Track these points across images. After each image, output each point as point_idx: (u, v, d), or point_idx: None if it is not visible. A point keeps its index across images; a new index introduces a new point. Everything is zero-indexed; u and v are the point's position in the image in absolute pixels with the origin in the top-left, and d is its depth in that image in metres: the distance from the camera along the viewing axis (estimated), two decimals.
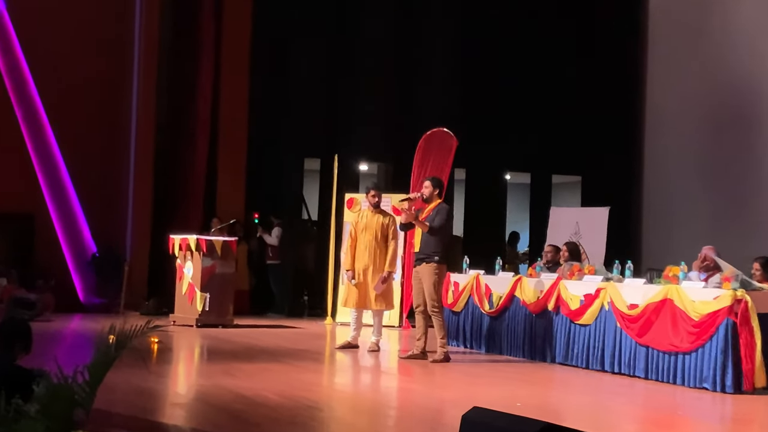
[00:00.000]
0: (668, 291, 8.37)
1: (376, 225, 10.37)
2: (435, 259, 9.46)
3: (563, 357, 9.58)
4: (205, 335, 11.44)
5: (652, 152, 16.40)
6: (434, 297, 9.46)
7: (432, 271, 9.45)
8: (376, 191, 10.52)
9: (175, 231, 13.00)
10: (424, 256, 9.53)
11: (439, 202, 9.65)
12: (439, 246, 9.49)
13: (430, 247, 9.49)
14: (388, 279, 10.35)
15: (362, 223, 10.45)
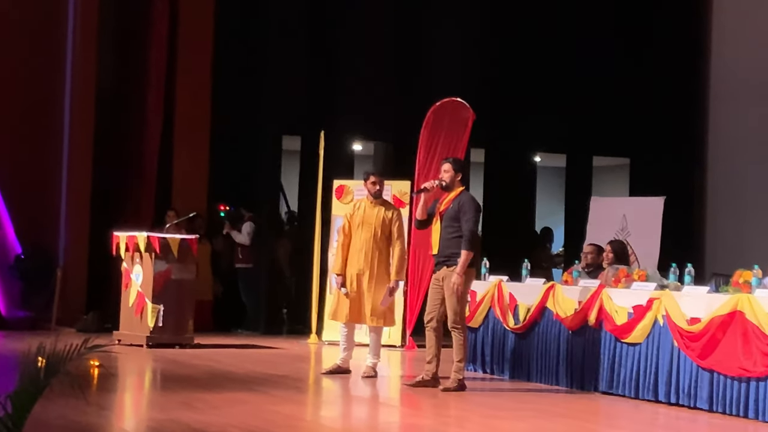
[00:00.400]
0: (738, 301, 8.38)
1: (376, 219, 10.34)
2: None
3: (607, 384, 9.60)
4: (158, 357, 11.43)
5: (718, 129, 16.42)
6: (457, 309, 9.45)
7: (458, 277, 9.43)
8: (377, 177, 10.46)
9: (121, 227, 13.00)
10: (446, 258, 9.49)
11: (461, 191, 9.61)
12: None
13: (452, 246, 9.45)
14: (395, 290, 10.35)
15: (359, 217, 10.41)
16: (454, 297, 9.42)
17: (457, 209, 9.48)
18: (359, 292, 10.28)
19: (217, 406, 8.22)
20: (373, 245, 10.29)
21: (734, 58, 16.14)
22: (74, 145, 14.80)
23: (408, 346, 13.37)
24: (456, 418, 8.48)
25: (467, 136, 13.39)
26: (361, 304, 10.29)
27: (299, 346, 13.50)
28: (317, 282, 13.88)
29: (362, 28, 16.15)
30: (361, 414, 8.96)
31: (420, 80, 15.99)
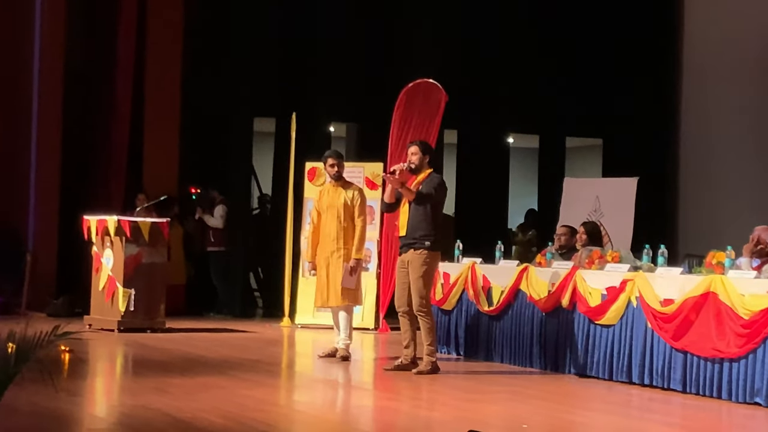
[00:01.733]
0: (711, 283, 8.42)
1: (338, 201, 10.38)
2: (426, 245, 9.45)
3: (581, 366, 9.64)
4: (129, 342, 11.40)
5: (691, 109, 16.47)
6: (422, 293, 9.47)
7: (422, 260, 9.45)
8: (334, 159, 10.47)
9: (91, 211, 12.94)
10: (413, 241, 9.51)
11: (429, 172, 9.64)
12: (431, 227, 9.47)
13: (419, 229, 9.47)
14: (357, 269, 10.35)
15: (324, 202, 10.46)
16: (420, 280, 9.44)
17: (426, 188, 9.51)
18: (328, 274, 10.31)
19: (190, 390, 8.20)
20: (337, 228, 10.35)
21: (707, 37, 16.18)
22: (43, 129, 14.69)
23: (381, 329, 13.38)
24: (430, 401, 8.50)
25: (440, 117, 13.39)
26: (330, 286, 10.31)
27: (272, 329, 13.49)
28: (290, 265, 13.86)
29: (335, 9, 16.08)
30: (336, 398, 8.97)
31: (392, 61, 15.96)
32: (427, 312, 9.53)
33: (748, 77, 15.40)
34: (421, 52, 15.95)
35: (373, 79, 15.93)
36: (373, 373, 10.23)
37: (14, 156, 14.76)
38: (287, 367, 10.54)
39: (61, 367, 9.04)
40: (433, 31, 16.42)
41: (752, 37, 15.39)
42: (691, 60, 16.53)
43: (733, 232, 10.81)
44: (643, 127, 16.74)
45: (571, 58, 16.90)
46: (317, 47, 15.99)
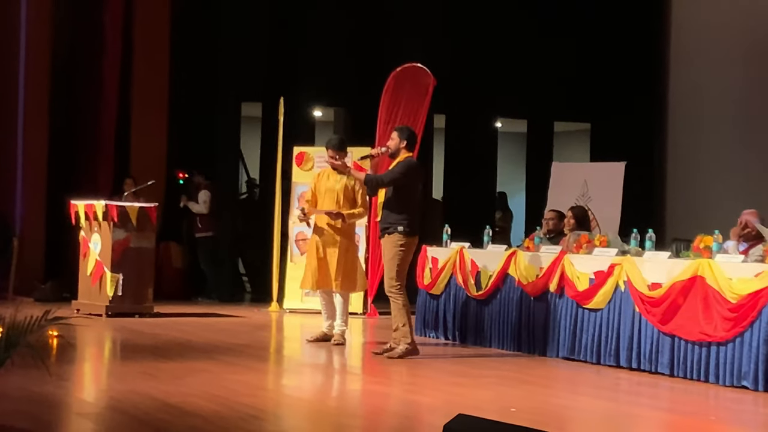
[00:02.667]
0: (699, 267, 8.46)
1: (340, 186, 10.33)
2: (399, 229, 9.47)
3: (569, 350, 9.68)
4: (117, 327, 11.40)
5: (678, 94, 16.50)
6: (391, 274, 9.48)
7: (394, 243, 9.48)
8: (334, 151, 10.28)
9: (78, 195, 12.92)
10: (386, 226, 9.57)
11: (405, 157, 9.65)
12: (404, 211, 9.49)
13: (392, 215, 9.52)
14: (335, 217, 10.20)
15: (323, 185, 10.40)
16: (390, 261, 9.47)
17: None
18: (324, 260, 10.28)
19: (179, 375, 8.21)
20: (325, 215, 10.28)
21: (695, 22, 16.21)
22: (30, 113, 14.65)
23: (370, 313, 13.41)
24: (419, 385, 8.52)
25: (428, 101, 13.39)
26: (327, 270, 10.29)
27: (260, 314, 13.50)
28: (278, 250, 13.87)
29: None
30: (324, 382, 8.99)
31: (380, 45, 15.94)
32: (397, 293, 9.49)
33: (736, 63, 15.43)
34: (410, 36, 15.94)
35: (361, 63, 15.92)
36: (362, 358, 10.25)
37: (1, 141, 14.73)
38: (276, 352, 10.55)
39: (50, 352, 9.03)
40: (421, 14, 16.40)
41: (740, 23, 15.42)
42: (679, 45, 16.56)
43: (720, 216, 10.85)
44: (630, 111, 16.76)
45: (558, 42, 16.90)
46: (305, 31, 15.96)
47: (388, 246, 9.52)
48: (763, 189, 14.13)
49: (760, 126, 14.98)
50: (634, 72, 16.81)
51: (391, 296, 9.55)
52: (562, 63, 16.91)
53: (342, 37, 16.12)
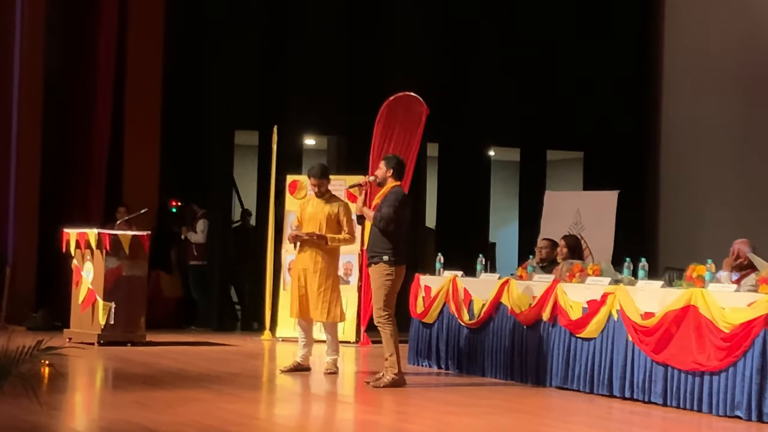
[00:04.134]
0: (692, 296, 8.47)
1: (322, 214, 10.30)
2: (384, 259, 9.49)
3: (561, 379, 9.67)
4: (109, 355, 11.38)
5: (671, 123, 16.57)
6: (379, 304, 9.48)
7: (381, 273, 9.49)
8: (316, 179, 10.29)
9: (71, 224, 12.91)
10: (372, 254, 9.60)
11: (392, 186, 9.66)
12: (391, 241, 9.51)
13: (378, 244, 9.53)
14: (318, 239, 10.14)
15: (307, 212, 10.41)
16: (377, 290, 9.49)
17: (383, 204, 9.55)
18: (306, 288, 10.28)
19: (170, 404, 8.20)
20: (310, 241, 10.25)
21: (687, 50, 16.29)
22: (22, 141, 14.65)
23: (362, 342, 13.40)
24: (411, 414, 8.51)
25: (421, 130, 13.43)
26: (308, 299, 10.29)
27: (253, 343, 13.48)
28: (270, 278, 13.86)
29: (315, 21, 16.12)
30: (316, 411, 8.97)
31: (374, 74, 15.98)
32: (385, 322, 9.49)
33: (729, 92, 15.51)
34: (403, 65, 15.99)
35: (354, 92, 15.96)
36: (354, 387, 10.23)
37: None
38: (268, 381, 10.53)
39: (41, 382, 9.00)
40: (414, 43, 16.46)
41: (732, 52, 15.50)
42: (671, 74, 16.63)
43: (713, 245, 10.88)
44: (623, 140, 16.81)
45: (551, 71, 16.97)
46: (298, 60, 16.00)
47: (375, 275, 9.55)
48: (755, 218, 14.17)
49: (753, 155, 15.04)
50: (627, 101, 16.87)
51: (379, 326, 9.55)
52: (555, 91, 16.97)
53: (335, 65, 16.16)
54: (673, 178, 16.42)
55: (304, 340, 10.47)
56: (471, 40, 16.82)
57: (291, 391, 9.76)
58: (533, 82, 16.90)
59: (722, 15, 15.73)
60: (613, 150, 16.87)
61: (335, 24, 16.23)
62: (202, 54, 15.63)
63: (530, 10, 17.08)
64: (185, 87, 15.41)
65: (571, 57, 17.07)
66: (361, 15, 16.36)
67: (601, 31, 17.06)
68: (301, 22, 16.05)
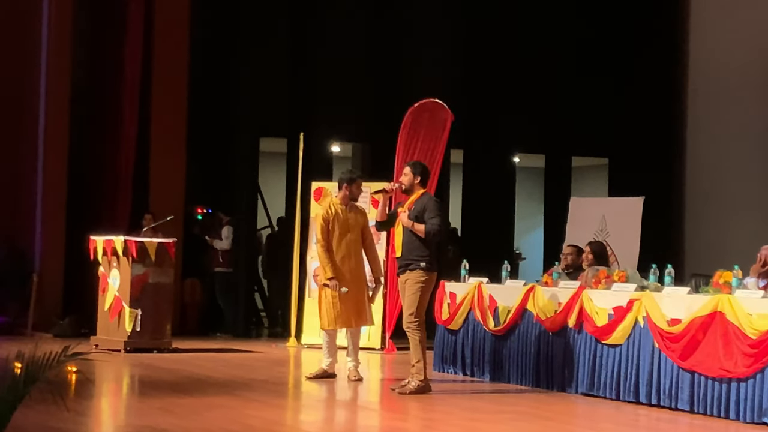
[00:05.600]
0: (719, 302, 8.42)
1: (355, 223, 10.36)
2: (421, 266, 9.49)
3: (588, 386, 9.63)
4: (135, 362, 11.41)
5: (697, 128, 16.50)
6: (411, 309, 9.48)
7: (417, 279, 9.49)
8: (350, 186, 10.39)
9: (97, 231, 12.97)
10: (408, 262, 9.56)
11: (422, 193, 9.65)
12: (428, 248, 9.51)
13: (415, 251, 9.52)
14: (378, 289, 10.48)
15: (338, 222, 10.38)
16: (411, 296, 9.47)
17: (420, 211, 9.52)
18: (355, 294, 10.26)
19: (196, 411, 8.21)
20: (354, 249, 10.29)
21: (713, 58, 16.23)
22: (49, 148, 14.74)
23: (388, 349, 13.38)
24: (436, 420, 8.49)
25: (446, 137, 13.42)
26: (352, 308, 10.28)
27: (278, 349, 13.49)
28: (296, 285, 13.87)
29: (341, 28, 16.16)
30: (342, 418, 8.97)
31: (398, 81, 16.00)
32: (415, 328, 9.48)
33: (754, 97, 15.43)
34: (428, 72, 16.01)
35: (379, 98, 15.98)
36: (379, 393, 10.22)
37: (21, 176, 14.82)
38: (294, 387, 10.54)
39: (69, 388, 9.04)
40: (439, 50, 16.48)
41: (757, 57, 15.43)
42: (697, 79, 16.57)
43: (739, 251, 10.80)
44: (649, 146, 16.75)
45: (577, 77, 16.94)
46: (324, 67, 16.04)
47: (410, 282, 9.52)
48: None
49: None
50: (653, 107, 16.82)
51: (408, 332, 9.54)
52: (581, 98, 16.93)
53: (361, 72, 16.19)
54: (698, 184, 16.35)
55: (329, 349, 10.46)
56: (496, 46, 16.81)
57: (316, 397, 9.76)
58: (558, 89, 16.87)
59: (747, 23, 15.66)
60: (638, 156, 16.82)
61: (361, 31, 16.26)
62: (228, 61, 15.69)
63: (557, 18, 17.05)
64: (211, 94, 15.46)
65: (597, 63, 17.03)
66: (387, 22, 16.39)
67: (628, 39, 17.00)
68: (327, 30, 16.08)
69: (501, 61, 16.81)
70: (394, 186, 9.93)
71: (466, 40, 16.76)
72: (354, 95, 16.12)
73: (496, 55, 16.81)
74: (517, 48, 16.88)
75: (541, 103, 16.86)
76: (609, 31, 17.18)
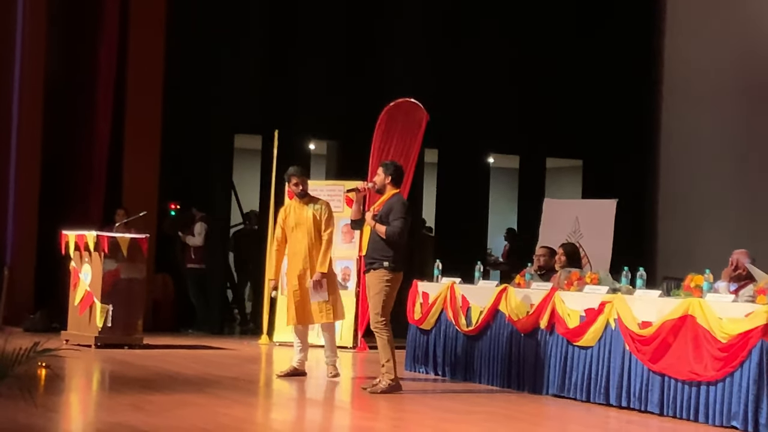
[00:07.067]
0: (689, 306, 8.46)
1: (307, 219, 10.32)
2: (384, 265, 9.50)
3: (558, 387, 9.66)
4: (106, 358, 11.36)
5: (671, 131, 16.56)
6: (377, 309, 9.49)
7: (380, 279, 9.50)
8: (297, 177, 10.37)
9: (69, 226, 12.90)
10: (372, 261, 9.59)
11: (393, 194, 9.66)
12: (392, 248, 9.51)
13: (378, 250, 9.53)
14: (322, 282, 10.25)
15: (291, 220, 10.41)
16: (375, 296, 9.49)
17: (386, 212, 9.54)
18: (302, 293, 10.28)
19: (167, 408, 8.19)
20: (308, 245, 10.28)
21: (687, 59, 16.29)
22: (22, 143, 14.65)
23: (360, 347, 13.38)
24: (407, 420, 8.51)
25: (421, 136, 13.43)
26: (305, 304, 10.29)
27: (250, 347, 13.47)
28: (269, 282, 13.83)
29: (316, 27, 16.15)
30: (313, 416, 8.97)
31: (374, 80, 16.01)
32: (383, 328, 9.51)
33: (727, 101, 15.51)
34: (404, 72, 16.01)
35: (355, 97, 15.97)
36: (351, 392, 10.22)
37: None
38: (265, 385, 10.52)
39: (38, 383, 9.00)
40: (415, 50, 16.48)
41: (731, 61, 15.51)
42: (671, 82, 16.63)
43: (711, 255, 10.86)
44: (622, 149, 16.82)
45: (551, 79, 16.98)
46: (300, 65, 16.02)
47: (374, 281, 9.55)
48: (754, 228, 14.16)
49: (752, 165, 15.03)
50: (627, 109, 16.88)
51: (376, 332, 9.56)
52: (555, 99, 16.98)
53: (336, 71, 16.18)
54: (671, 186, 16.42)
55: (300, 345, 10.46)
56: (472, 46, 16.84)
57: (287, 396, 9.75)
58: (533, 90, 16.91)
59: (722, 25, 15.73)
60: (612, 158, 16.89)
61: (336, 29, 16.24)
62: (204, 57, 15.63)
63: (531, 18, 17.10)
64: (186, 90, 15.40)
65: (571, 65, 17.09)
66: (363, 21, 16.38)
67: (602, 41, 17.07)
68: (303, 27, 16.06)
69: (477, 61, 16.83)
70: (367, 185, 9.94)
71: (441, 39, 16.77)
72: (330, 93, 16.11)
73: (472, 56, 16.83)
74: (493, 49, 16.90)
75: (516, 103, 16.89)
76: (584, 32, 17.24)
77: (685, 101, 16.27)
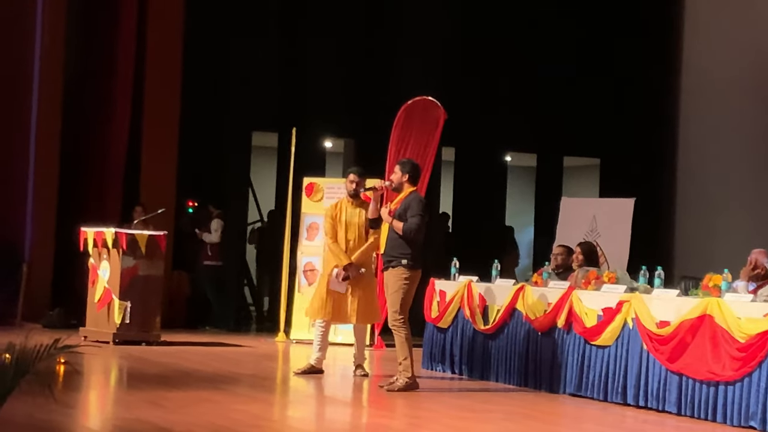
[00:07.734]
0: (708, 305, 8.44)
1: (359, 220, 10.31)
2: (403, 263, 9.49)
3: (576, 386, 9.65)
4: (124, 354, 11.40)
5: (689, 130, 16.52)
6: (395, 307, 9.49)
7: (399, 277, 9.50)
8: (355, 175, 10.37)
9: (88, 223, 12.95)
10: (390, 259, 9.58)
11: (410, 192, 9.66)
12: (410, 246, 9.51)
13: (397, 248, 9.53)
14: (345, 274, 10.14)
15: (344, 219, 10.34)
16: (394, 294, 9.49)
17: (403, 210, 9.54)
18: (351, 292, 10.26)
19: (184, 404, 8.21)
20: (354, 245, 10.26)
21: (706, 59, 16.25)
22: (41, 140, 14.71)
23: (376, 345, 13.39)
24: (424, 419, 8.50)
25: (438, 134, 13.42)
26: (345, 304, 10.27)
27: (267, 344, 13.49)
28: (286, 280, 13.87)
29: (334, 23, 16.16)
30: (329, 414, 8.97)
31: (391, 78, 16.01)
32: (401, 326, 9.51)
33: (746, 99, 15.46)
34: (421, 69, 16.00)
35: (372, 95, 15.97)
36: (367, 390, 10.23)
37: (12, 167, 14.79)
38: (282, 383, 10.54)
39: (57, 380, 9.03)
40: (433, 48, 16.48)
41: (751, 59, 15.46)
42: (689, 81, 16.59)
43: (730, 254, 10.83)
44: (640, 148, 16.78)
45: (569, 77, 16.95)
46: (317, 62, 16.04)
47: (392, 279, 9.55)
48: None
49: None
50: (645, 107, 16.84)
51: (394, 329, 9.56)
52: (573, 97, 16.95)
53: (354, 68, 16.19)
54: (689, 186, 16.37)
55: (320, 344, 10.43)
56: (489, 45, 16.82)
57: (304, 393, 9.76)
58: (551, 89, 16.88)
59: (741, 24, 15.69)
60: (629, 157, 16.85)
61: (354, 27, 16.25)
62: (222, 55, 15.67)
63: (549, 19, 17.06)
64: (204, 88, 15.45)
65: (589, 64, 17.05)
66: (380, 18, 16.39)
67: (620, 40, 17.02)
68: (320, 25, 16.08)
69: (494, 59, 16.81)
70: (384, 184, 9.93)
71: (458, 36, 16.76)
72: (347, 91, 16.12)
73: (489, 53, 16.81)
74: (510, 47, 16.88)
75: (533, 102, 16.87)
76: (602, 32, 17.20)
77: (703, 100, 16.23)
